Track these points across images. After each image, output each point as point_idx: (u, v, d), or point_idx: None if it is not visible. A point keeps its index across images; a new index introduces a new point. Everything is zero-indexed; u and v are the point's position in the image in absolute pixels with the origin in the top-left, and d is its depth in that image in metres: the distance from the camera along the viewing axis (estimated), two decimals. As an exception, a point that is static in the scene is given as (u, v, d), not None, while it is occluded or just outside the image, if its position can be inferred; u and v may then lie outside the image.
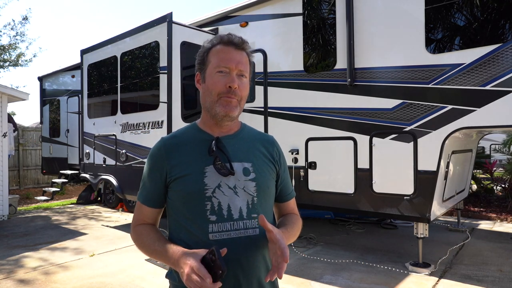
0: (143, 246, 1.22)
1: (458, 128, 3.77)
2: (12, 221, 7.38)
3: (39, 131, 11.62)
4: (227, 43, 1.21)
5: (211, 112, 1.22)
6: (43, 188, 10.22)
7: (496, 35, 3.61)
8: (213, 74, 1.20)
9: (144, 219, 1.28)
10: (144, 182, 1.28)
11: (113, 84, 6.45)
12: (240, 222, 1.17)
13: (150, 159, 1.28)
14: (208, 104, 1.22)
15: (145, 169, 1.29)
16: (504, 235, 5.70)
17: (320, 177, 4.79)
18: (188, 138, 1.27)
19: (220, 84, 1.18)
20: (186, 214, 1.19)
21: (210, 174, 1.18)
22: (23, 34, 14.72)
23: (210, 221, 1.15)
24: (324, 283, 3.84)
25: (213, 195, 1.17)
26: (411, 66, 4.05)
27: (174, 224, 1.25)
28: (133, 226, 1.30)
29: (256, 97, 5.39)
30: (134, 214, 1.31)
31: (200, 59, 1.26)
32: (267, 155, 1.30)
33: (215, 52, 1.22)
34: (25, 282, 4.03)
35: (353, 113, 4.48)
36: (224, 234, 1.15)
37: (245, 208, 1.19)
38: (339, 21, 4.61)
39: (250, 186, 1.21)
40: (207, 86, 1.21)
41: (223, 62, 1.19)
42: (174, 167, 1.21)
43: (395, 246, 5.19)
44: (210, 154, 1.21)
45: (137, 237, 1.26)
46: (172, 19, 5.23)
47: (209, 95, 1.21)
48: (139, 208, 1.29)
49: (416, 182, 4.03)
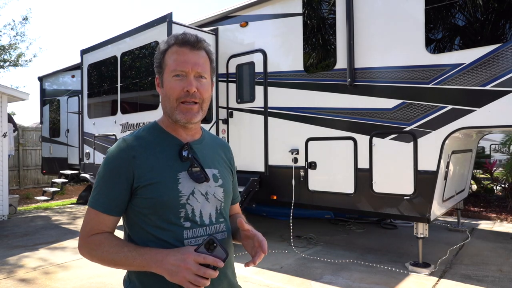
0: (105, 255, 1.10)
1: (458, 128, 3.77)
2: (12, 221, 7.38)
3: (39, 131, 11.63)
4: (182, 43, 1.15)
5: (172, 118, 1.18)
6: (43, 188, 10.22)
7: (496, 35, 3.61)
8: (169, 78, 1.15)
9: (102, 228, 1.15)
10: (102, 187, 1.14)
11: (113, 84, 6.45)
12: (211, 227, 1.18)
13: (111, 162, 1.15)
14: (168, 110, 1.18)
15: (104, 173, 1.15)
16: (504, 235, 5.70)
17: (320, 177, 4.79)
18: (154, 140, 1.19)
19: (178, 89, 1.14)
20: (157, 222, 1.13)
21: (183, 181, 1.15)
22: (23, 34, 14.76)
23: (185, 227, 1.14)
24: (324, 283, 3.84)
25: (187, 202, 1.14)
26: (411, 66, 4.05)
27: (139, 232, 1.16)
28: (85, 237, 1.14)
29: (256, 97, 5.39)
30: (86, 224, 1.16)
31: (157, 62, 1.20)
32: (226, 161, 1.33)
33: (170, 54, 1.16)
34: (25, 282, 4.03)
35: (353, 113, 4.48)
36: (199, 239, 1.14)
37: (214, 213, 1.20)
38: (339, 21, 4.61)
39: (219, 192, 1.22)
40: (165, 91, 1.17)
41: (179, 66, 1.14)
42: (143, 172, 1.12)
43: (395, 246, 5.19)
44: (183, 160, 1.16)
45: (95, 248, 1.12)
46: (172, 19, 5.23)
47: (168, 100, 1.16)
48: (95, 218, 1.14)
49: (416, 182, 4.03)
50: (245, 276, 3.99)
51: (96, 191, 1.16)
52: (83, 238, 1.15)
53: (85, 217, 1.17)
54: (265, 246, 1.14)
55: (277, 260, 4.56)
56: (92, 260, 1.14)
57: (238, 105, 5.61)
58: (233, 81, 5.68)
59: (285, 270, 4.23)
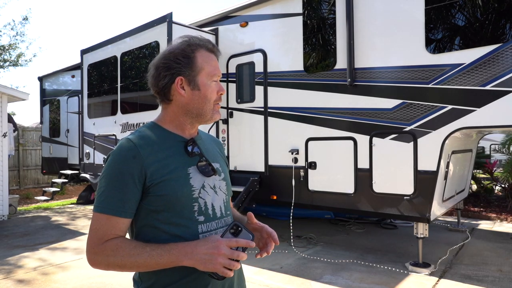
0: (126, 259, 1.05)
1: (458, 128, 3.77)
2: (12, 221, 7.38)
3: (39, 131, 11.63)
4: (209, 49, 1.24)
5: (203, 117, 1.24)
6: (43, 188, 10.23)
7: (496, 35, 3.61)
8: (208, 81, 1.22)
9: (115, 233, 1.09)
10: (110, 191, 1.09)
11: (113, 84, 6.45)
12: (222, 219, 1.22)
13: (120, 162, 1.11)
14: (201, 111, 1.22)
15: (112, 175, 1.11)
16: (504, 235, 5.70)
17: (320, 177, 4.79)
18: (157, 139, 1.19)
19: (215, 92, 1.24)
20: (171, 219, 1.12)
21: (194, 175, 1.18)
22: (23, 34, 14.79)
23: (199, 221, 1.16)
24: (324, 283, 3.84)
25: (200, 196, 1.17)
26: (411, 66, 4.05)
27: (150, 231, 1.14)
28: (97, 244, 1.08)
29: (256, 97, 5.39)
30: (97, 231, 1.09)
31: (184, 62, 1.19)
32: (222, 156, 1.39)
33: (204, 58, 1.20)
34: (25, 282, 4.03)
35: (353, 113, 4.48)
36: (213, 232, 1.17)
37: (223, 206, 1.25)
38: (339, 21, 4.61)
39: (223, 185, 1.28)
40: (204, 94, 1.21)
41: (216, 71, 1.23)
42: (154, 170, 1.11)
43: (395, 246, 5.19)
44: (191, 155, 1.20)
45: (112, 253, 1.06)
46: (172, 19, 5.23)
47: (206, 102, 1.22)
48: (107, 222, 1.08)
49: (416, 182, 4.03)
50: (245, 276, 3.99)
51: (104, 195, 1.10)
52: (95, 246, 1.08)
53: (93, 225, 1.10)
54: (276, 237, 1.24)
55: (277, 260, 4.56)
56: (109, 268, 1.08)
57: (238, 105, 5.62)
58: (233, 81, 5.68)
59: (285, 270, 4.24)
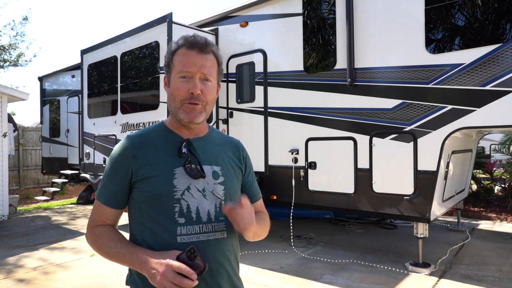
0: (102, 248, 1.16)
1: (458, 128, 3.77)
2: (12, 221, 7.38)
3: (39, 131, 11.62)
4: (191, 46, 1.18)
5: (176, 117, 1.22)
6: (43, 188, 10.22)
7: (496, 35, 3.61)
8: (176, 79, 1.19)
9: (103, 220, 1.22)
10: (105, 182, 1.22)
11: (113, 84, 6.45)
12: (208, 225, 1.17)
13: (114, 158, 1.21)
14: (172, 109, 1.22)
15: (108, 168, 1.22)
16: (504, 235, 5.70)
17: (320, 177, 4.79)
18: (156, 137, 1.23)
19: (183, 90, 1.17)
20: (152, 216, 1.15)
21: (179, 176, 1.16)
22: (23, 34, 14.78)
23: (179, 223, 1.14)
24: (324, 283, 3.84)
25: (182, 198, 1.15)
26: (411, 66, 4.05)
27: (138, 226, 1.20)
28: (90, 227, 1.23)
29: (256, 97, 5.39)
30: (92, 214, 1.24)
31: (166, 62, 1.24)
32: (234, 160, 1.32)
33: (179, 56, 1.20)
34: (25, 282, 4.03)
35: (353, 113, 4.48)
36: (193, 236, 1.14)
37: (213, 211, 1.19)
38: (339, 21, 4.61)
39: (219, 190, 1.22)
40: (171, 91, 1.21)
41: (185, 67, 1.17)
42: (141, 166, 1.17)
43: (395, 246, 5.19)
44: (181, 155, 1.19)
45: (95, 239, 1.19)
46: (172, 19, 5.23)
47: (173, 100, 1.20)
48: (99, 209, 1.22)
49: (416, 182, 4.03)
50: (245, 276, 3.99)
51: (101, 184, 1.24)
52: (89, 227, 1.23)
53: (92, 208, 1.26)
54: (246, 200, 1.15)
55: (277, 260, 4.56)
56: (94, 250, 1.21)
57: (238, 105, 5.62)
58: (233, 81, 5.68)
59: (285, 270, 4.24)
